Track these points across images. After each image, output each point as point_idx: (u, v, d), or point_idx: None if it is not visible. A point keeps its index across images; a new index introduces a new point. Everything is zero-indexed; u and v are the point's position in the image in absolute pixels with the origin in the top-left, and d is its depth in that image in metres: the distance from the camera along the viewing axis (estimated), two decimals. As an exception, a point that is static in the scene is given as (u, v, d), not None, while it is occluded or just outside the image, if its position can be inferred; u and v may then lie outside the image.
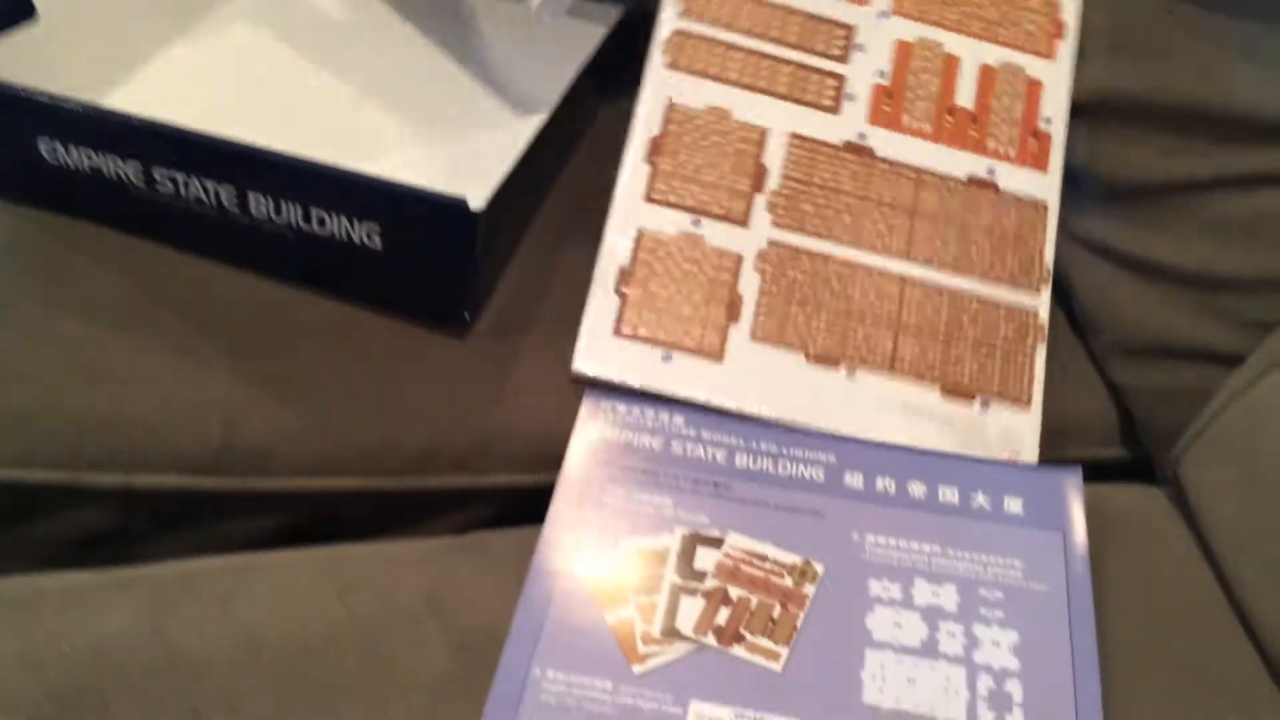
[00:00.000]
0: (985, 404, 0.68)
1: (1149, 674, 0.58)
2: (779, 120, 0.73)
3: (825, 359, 0.68)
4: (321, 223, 0.66)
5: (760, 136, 0.72)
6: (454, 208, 0.62)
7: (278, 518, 0.66)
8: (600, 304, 0.69)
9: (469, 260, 0.65)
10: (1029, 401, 0.68)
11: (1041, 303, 0.71)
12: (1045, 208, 0.73)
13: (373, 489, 0.66)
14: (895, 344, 0.69)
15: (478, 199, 0.62)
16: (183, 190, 0.67)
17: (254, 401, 0.65)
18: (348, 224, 0.65)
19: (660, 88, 0.73)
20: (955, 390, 0.68)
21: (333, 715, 0.55)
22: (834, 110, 0.74)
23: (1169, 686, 0.58)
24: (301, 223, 0.66)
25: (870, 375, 0.68)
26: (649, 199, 0.71)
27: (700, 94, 0.73)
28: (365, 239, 0.65)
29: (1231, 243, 0.68)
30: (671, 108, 0.72)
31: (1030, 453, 0.67)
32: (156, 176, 0.67)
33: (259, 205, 0.66)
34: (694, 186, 0.71)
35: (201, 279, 0.70)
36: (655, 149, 0.72)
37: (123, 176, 0.67)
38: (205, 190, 0.66)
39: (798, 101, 0.73)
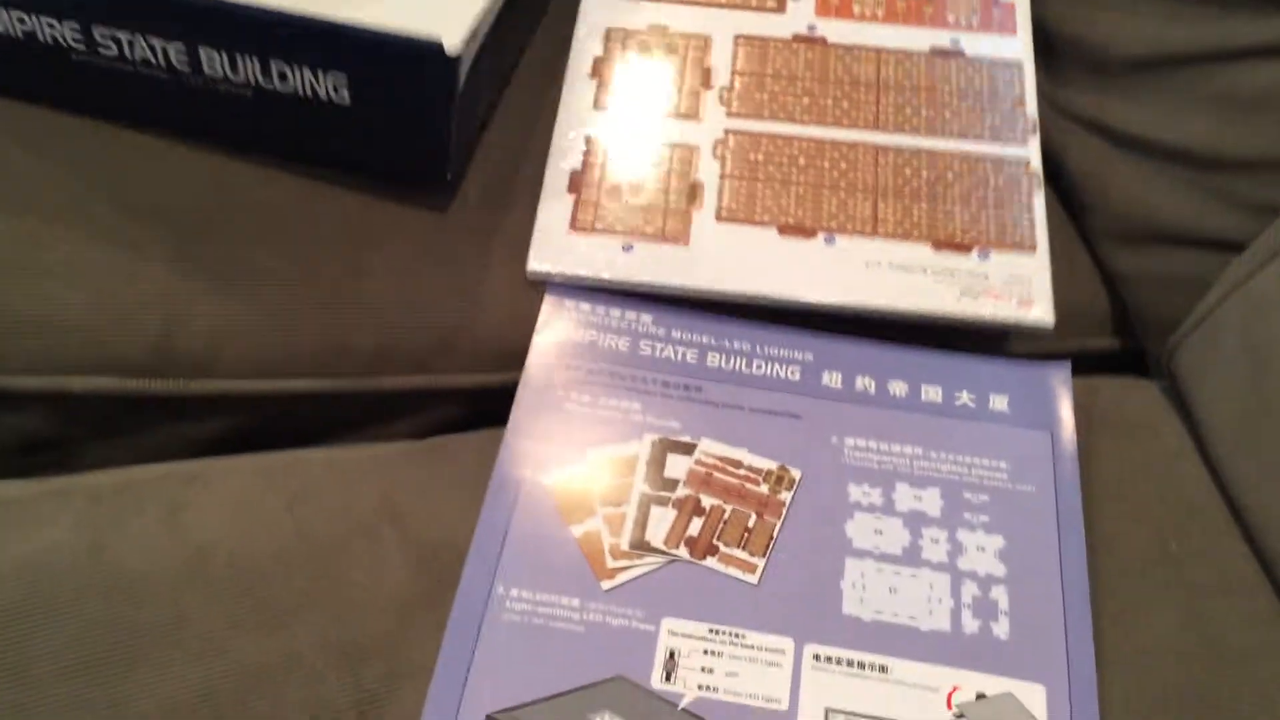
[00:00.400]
0: (984, 253, 0.63)
1: (1140, 576, 0.56)
2: (722, 25, 0.71)
3: (800, 230, 0.64)
4: (283, 77, 0.60)
5: (704, 43, 0.70)
6: (428, 51, 0.57)
7: (223, 422, 0.62)
8: (553, 204, 0.65)
9: (446, 110, 0.60)
10: (1033, 246, 0.64)
11: (1032, 151, 0.67)
12: (1019, 66, 0.70)
13: (324, 391, 0.62)
14: (875, 208, 0.65)
15: (453, 41, 0.57)
16: (127, 51, 0.61)
17: (196, 297, 0.61)
18: (312, 77, 0.59)
19: (596, 14, 0.71)
20: (949, 243, 0.64)
21: (285, 634, 0.52)
22: (779, 10, 0.71)
23: (1160, 588, 0.56)
24: (260, 78, 0.60)
25: (851, 240, 0.64)
26: (596, 107, 0.68)
27: (639, 15, 0.71)
28: (332, 93, 0.60)
29: (1236, 119, 0.64)
30: (610, 31, 0.71)
31: (1043, 301, 0.62)
32: (98, 37, 0.61)
33: (213, 62, 0.60)
34: (640, 92, 0.69)
35: (143, 163, 0.64)
36: (597, 68, 0.69)
37: (59, 40, 0.61)
38: (153, 50, 0.60)
39: (740, 8, 0.71)
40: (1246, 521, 0.58)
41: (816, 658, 0.52)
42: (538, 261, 0.63)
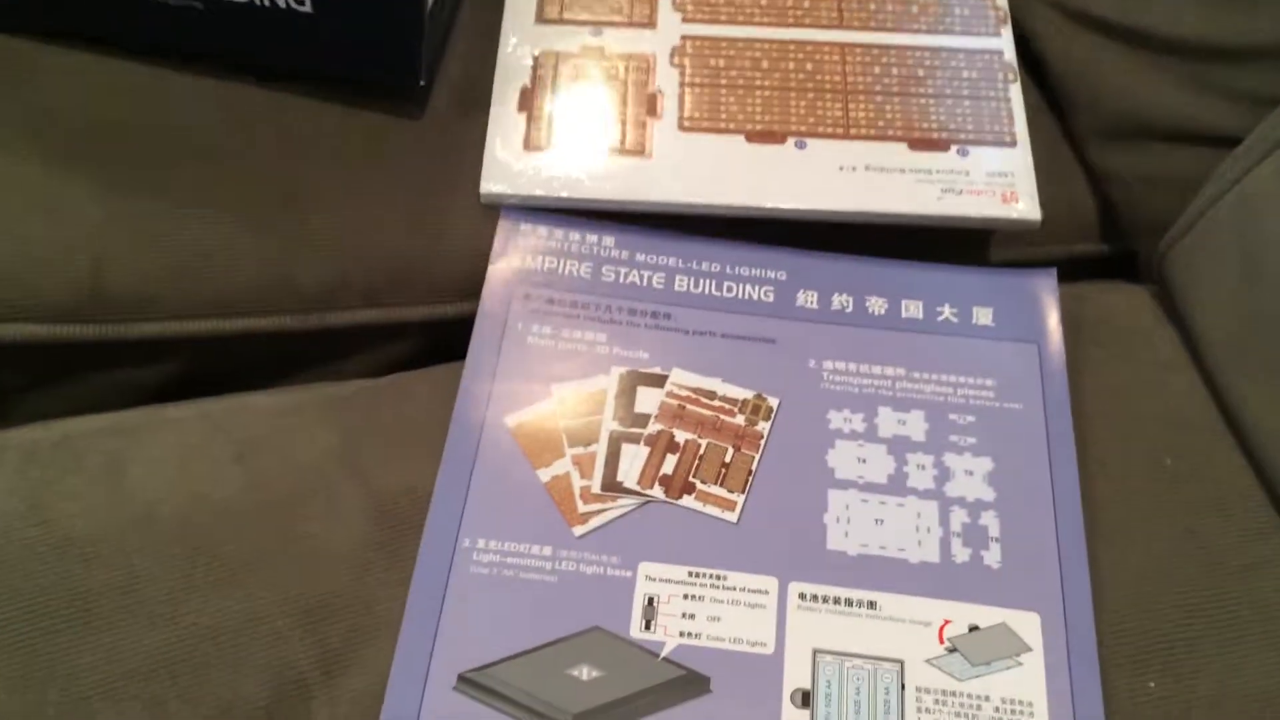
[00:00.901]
0: (963, 150, 0.60)
1: (1135, 494, 0.54)
2: None
3: (768, 135, 0.60)
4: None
5: None
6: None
7: (163, 368, 0.59)
8: (504, 124, 0.60)
9: (418, 5, 0.56)
10: (1014, 140, 0.61)
11: (1005, 43, 0.64)
12: (985, -48, 0.66)
13: (270, 330, 0.58)
14: (846, 109, 0.61)
15: None
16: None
17: (126, 235, 0.56)
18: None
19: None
20: (925, 141, 0.60)
21: (242, 593, 0.49)
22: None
23: (1156, 507, 0.53)
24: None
25: (823, 144, 0.60)
26: (541, 20, 0.64)
27: None
28: (293, 1, 0.56)
29: (1231, 7, 0.60)
30: None
31: (1028, 196, 0.59)
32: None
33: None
34: (589, 1, 0.65)
35: (71, 93, 0.59)
36: None
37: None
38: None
39: None
40: (1243, 433, 0.56)
41: (802, 596, 0.49)
42: (491, 183, 0.59)
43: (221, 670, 0.47)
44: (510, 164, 0.59)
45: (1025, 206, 0.59)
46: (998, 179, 0.59)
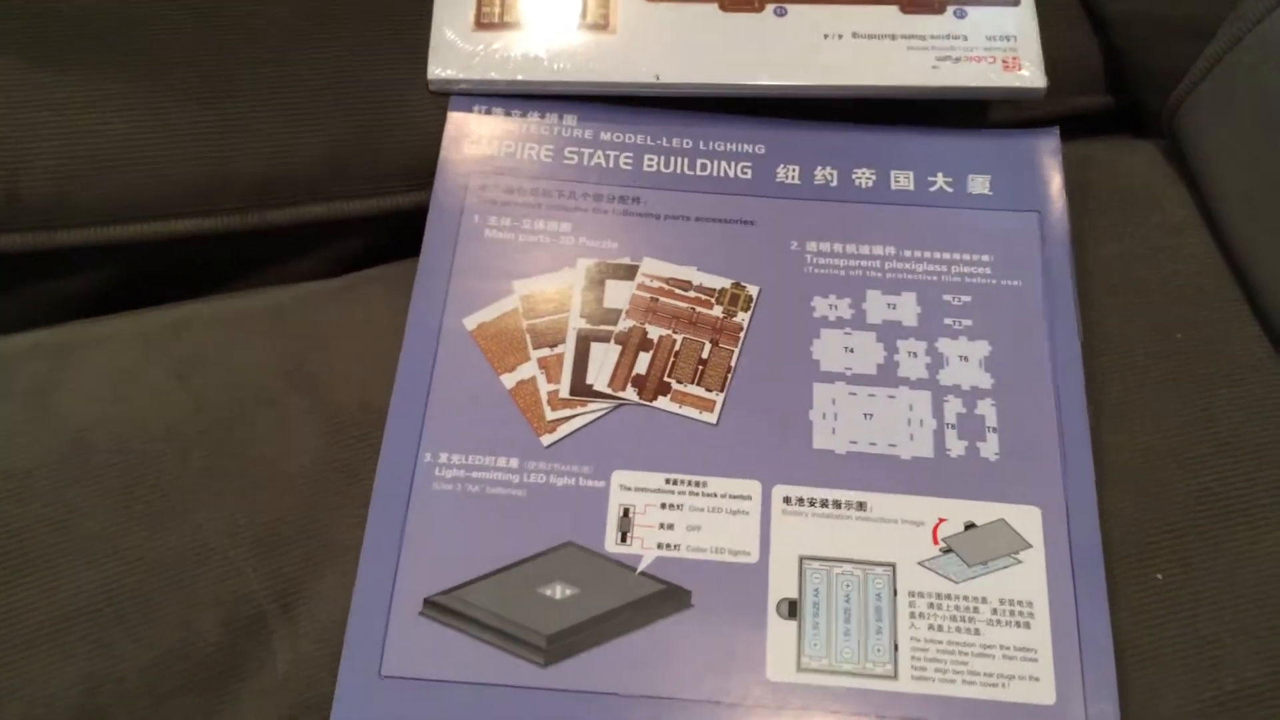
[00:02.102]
0: (960, 11, 0.55)
1: (1142, 375, 0.50)
2: None
3: (744, 3, 0.54)
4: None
5: None
6: None
7: (92, 279, 0.55)
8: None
9: None
10: None
11: None
12: None
13: (205, 231, 0.53)
14: (830, -30, 0.55)
15: None
16: None
17: (39, 134, 0.52)
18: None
19: None
20: (918, 4, 0.55)
21: (189, 524, 0.46)
22: None
23: (1165, 386, 0.50)
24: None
25: (805, 9, 0.55)
26: None
27: None
28: None
29: None
30: None
31: (1032, 61, 0.54)
32: None
33: None
34: None
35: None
36: None
37: None
38: None
39: None
40: (1259, 299, 0.52)
41: (787, 500, 0.46)
42: (439, 67, 0.53)
43: (171, 607, 0.44)
44: (460, 45, 0.53)
45: (1030, 73, 0.53)
46: (999, 43, 0.54)
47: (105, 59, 0.53)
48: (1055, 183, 0.53)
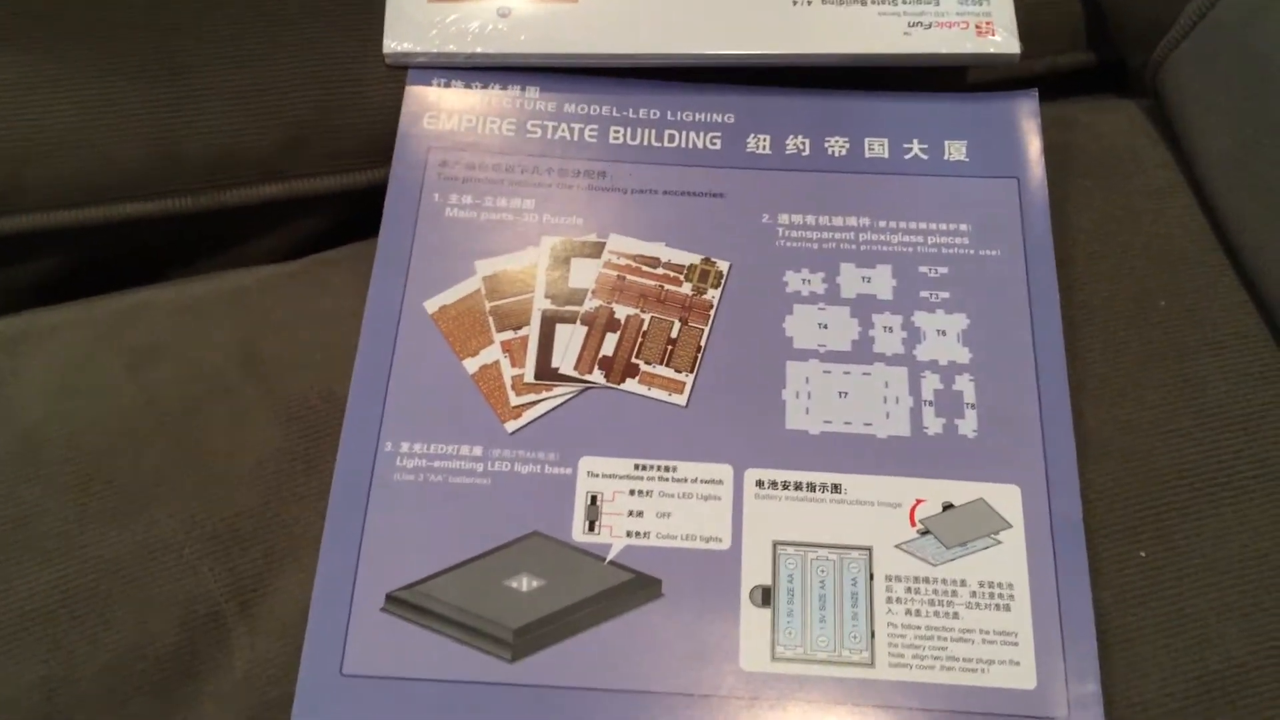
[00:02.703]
0: None
1: (1124, 343, 0.49)
2: None
3: (712, -31, 0.52)
4: None
5: None
6: None
7: (40, 266, 0.53)
8: None
9: None
10: None
11: None
12: None
13: (156, 214, 0.52)
14: (801, -67, 0.53)
15: None
16: None
17: (-15, 119, 0.50)
18: None
19: None
20: None
21: (144, 521, 0.44)
22: None
23: (1148, 355, 0.48)
24: None
25: None
26: None
27: None
28: None
29: None
30: None
31: (1006, 25, 0.52)
32: None
33: None
34: None
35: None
36: None
37: None
38: None
39: None
40: (1244, 263, 0.50)
41: (760, 484, 0.45)
42: (395, 40, 0.51)
43: (127, 607, 0.43)
44: (417, 16, 0.51)
45: (1003, 39, 0.52)
46: (971, 7, 0.52)
47: (53, 39, 0.51)
48: (1034, 147, 0.52)
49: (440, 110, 0.51)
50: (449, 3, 0.52)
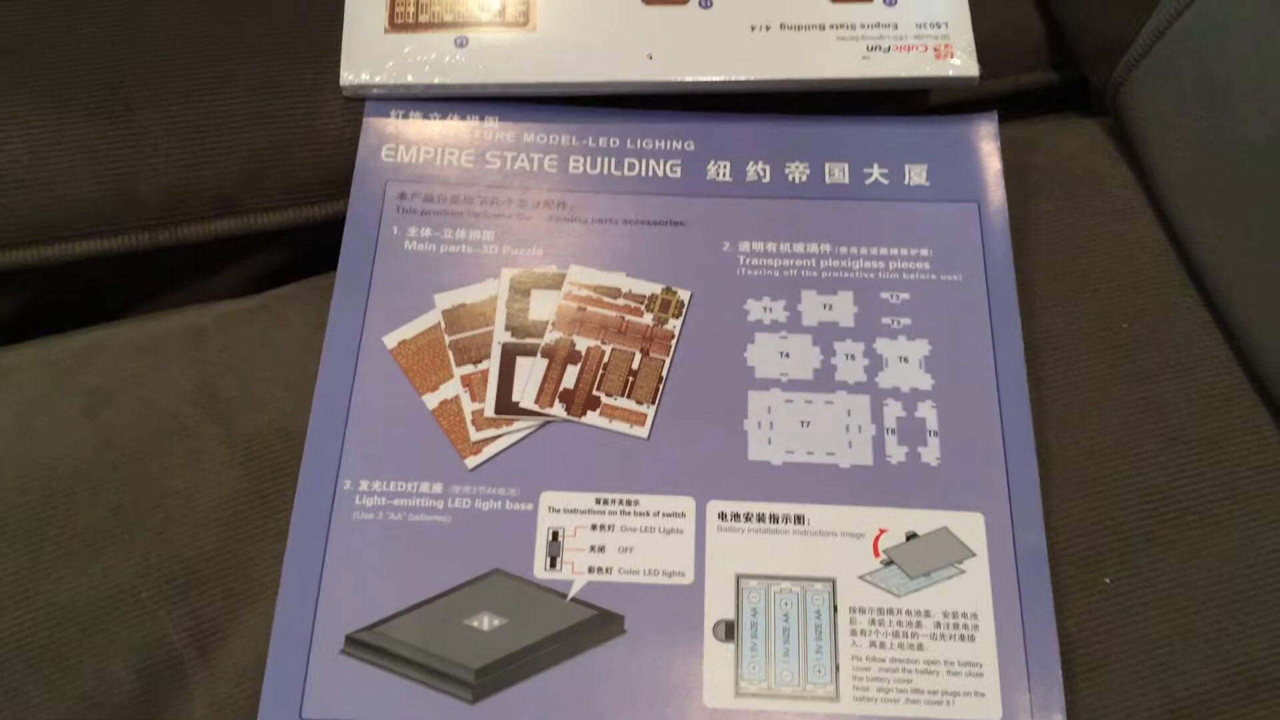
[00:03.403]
0: None
1: (1087, 367, 0.49)
2: None
3: (670, -2, 0.52)
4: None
5: None
6: None
7: None
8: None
9: None
10: None
11: None
12: None
13: (112, 251, 0.51)
14: (757, -39, 0.53)
15: None
16: None
17: (-64, 156, 0.49)
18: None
19: None
20: None
21: (100, 565, 0.44)
22: None
23: (1111, 379, 0.48)
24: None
25: (731, 1, 0.52)
26: None
27: None
28: None
29: None
30: None
31: (964, 49, 0.52)
32: None
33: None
34: None
35: None
36: None
37: None
38: None
39: None
40: (1206, 283, 0.50)
41: (722, 516, 0.45)
42: (351, 72, 0.51)
43: (84, 653, 0.43)
44: (373, 47, 0.51)
45: (962, 62, 0.51)
46: (930, 31, 0.52)
47: (3, 75, 0.51)
48: (994, 170, 0.51)
49: (398, 141, 0.51)
50: (406, 32, 0.51)
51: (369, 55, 0.51)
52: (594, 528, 0.44)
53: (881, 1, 0.52)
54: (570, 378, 0.47)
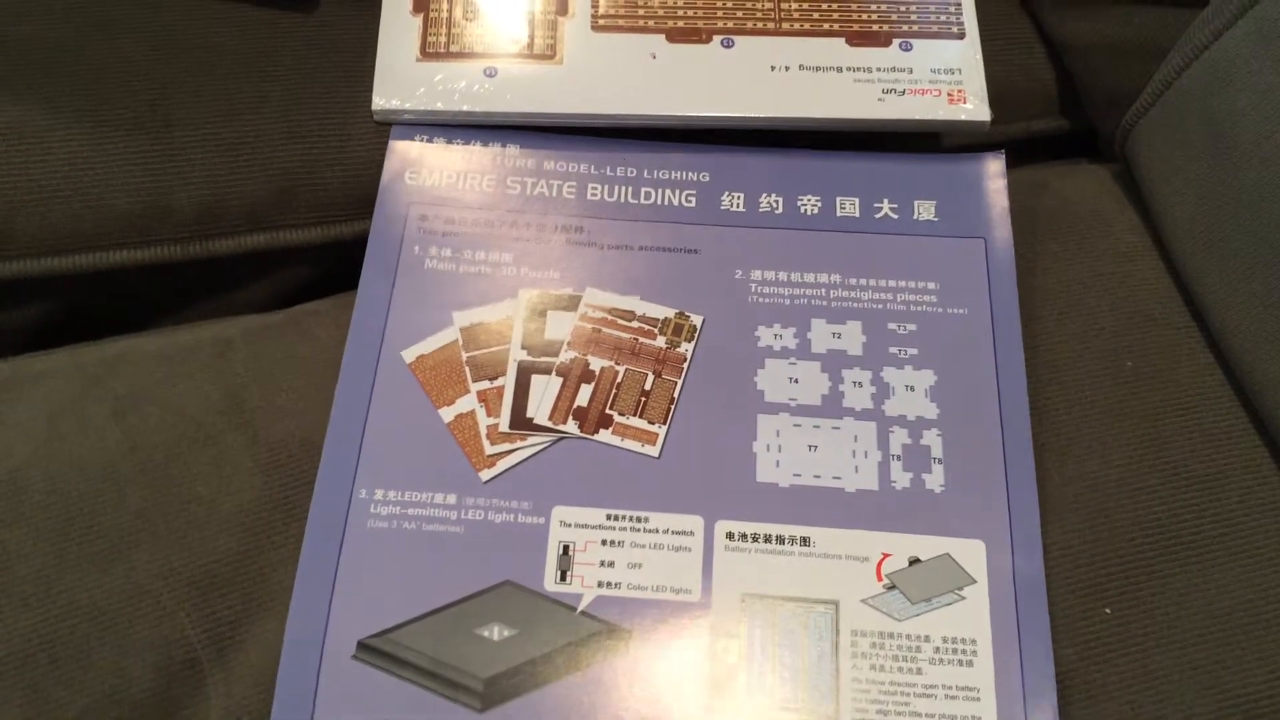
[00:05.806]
0: (906, 44, 0.54)
1: (1090, 402, 0.50)
2: None
3: (692, 33, 0.54)
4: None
5: None
6: None
7: (28, 312, 0.54)
8: (397, 28, 0.54)
9: None
10: (962, 31, 0.55)
11: None
12: None
13: (144, 262, 0.53)
14: (777, 1, 0.55)
15: None
16: None
17: (-21, 167, 0.51)
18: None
19: None
20: (865, 35, 0.54)
21: (124, 567, 0.45)
22: None
23: (1113, 415, 0.49)
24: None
25: (752, 41, 0.54)
26: None
27: None
28: None
29: None
30: None
31: (977, 94, 0.54)
32: None
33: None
34: None
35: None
36: None
37: None
38: None
39: None
40: (1210, 324, 0.51)
41: (730, 536, 0.46)
42: (384, 98, 0.53)
43: (105, 651, 0.44)
44: (405, 74, 0.53)
45: (974, 107, 0.53)
46: (944, 76, 0.53)
47: (48, 88, 0.53)
48: (1000, 207, 0.53)
49: (422, 166, 0.53)
50: (437, 61, 0.53)
51: (400, 82, 0.53)
52: (604, 543, 0.45)
53: (898, 46, 0.54)
54: (584, 396, 0.48)
